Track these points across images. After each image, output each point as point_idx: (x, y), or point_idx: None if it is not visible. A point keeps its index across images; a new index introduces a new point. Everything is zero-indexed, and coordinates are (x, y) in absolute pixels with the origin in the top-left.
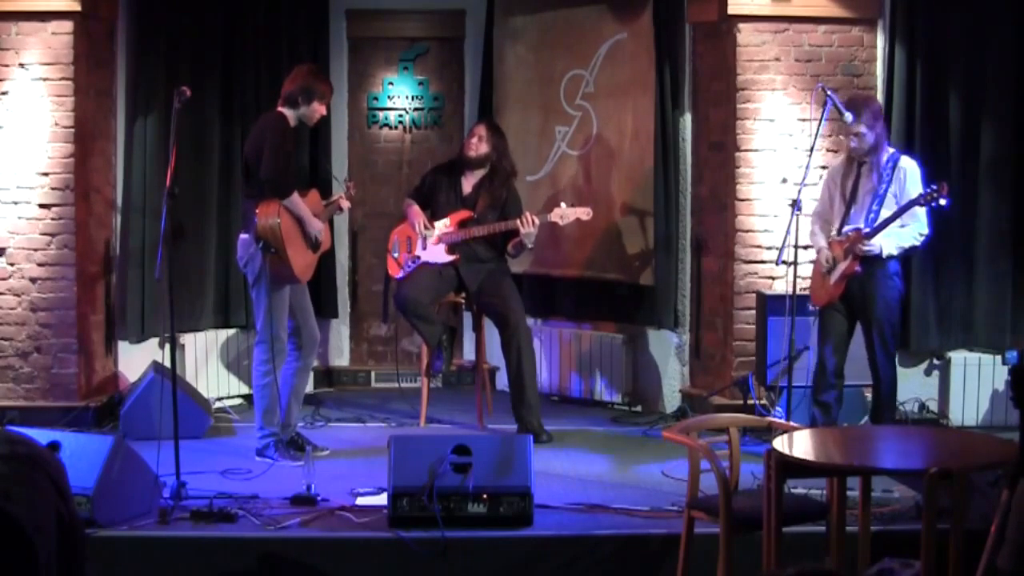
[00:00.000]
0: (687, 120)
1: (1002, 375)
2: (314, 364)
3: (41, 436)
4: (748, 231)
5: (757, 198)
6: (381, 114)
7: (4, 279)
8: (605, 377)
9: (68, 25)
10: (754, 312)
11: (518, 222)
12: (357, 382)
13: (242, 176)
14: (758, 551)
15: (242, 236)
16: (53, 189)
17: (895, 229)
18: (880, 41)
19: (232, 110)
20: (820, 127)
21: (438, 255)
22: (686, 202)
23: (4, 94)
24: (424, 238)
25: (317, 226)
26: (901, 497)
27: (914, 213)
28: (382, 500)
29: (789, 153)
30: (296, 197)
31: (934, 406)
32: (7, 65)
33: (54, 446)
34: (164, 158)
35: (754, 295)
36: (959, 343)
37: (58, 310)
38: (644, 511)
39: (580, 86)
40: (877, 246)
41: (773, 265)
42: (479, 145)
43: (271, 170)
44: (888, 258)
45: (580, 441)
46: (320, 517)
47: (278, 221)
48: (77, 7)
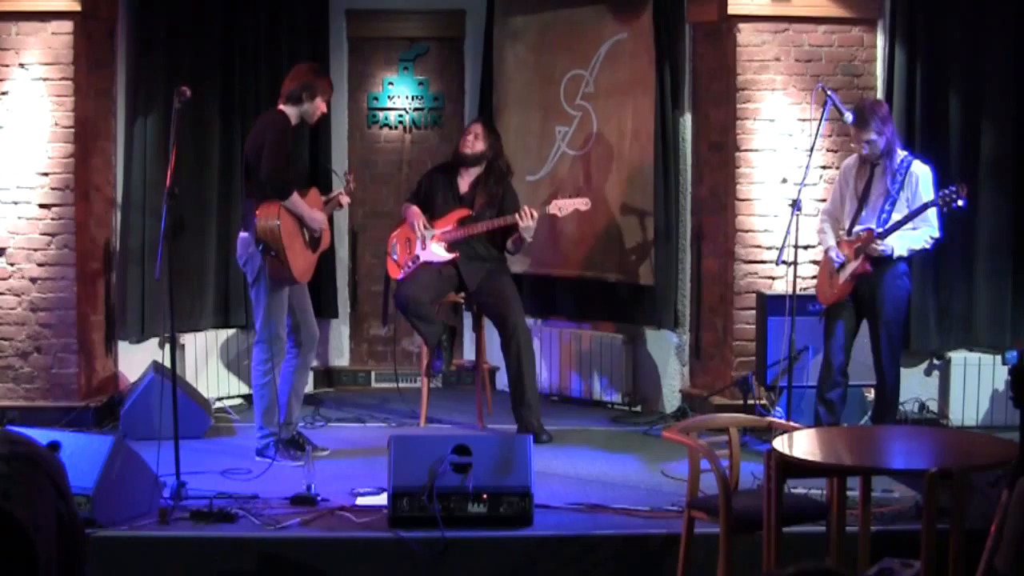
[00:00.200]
0: (687, 120)
1: (1002, 375)
2: (313, 363)
3: (41, 436)
4: (748, 231)
5: (757, 198)
6: (381, 114)
7: (4, 279)
8: (605, 377)
9: (68, 25)
10: (754, 312)
11: (517, 216)
12: (357, 382)
13: (242, 176)
14: (758, 551)
15: (241, 235)
16: (53, 189)
17: (907, 231)
18: (880, 41)
19: (232, 110)
20: (820, 127)
21: (438, 254)
22: (686, 202)
23: (4, 94)
24: (423, 238)
25: (319, 218)
26: (901, 497)
27: (926, 216)
28: (382, 500)
29: (789, 153)
30: (296, 197)
31: (934, 406)
32: (7, 65)
33: (54, 446)
34: (164, 158)
35: (754, 295)
36: (959, 343)
37: (58, 310)
38: (644, 511)
39: (580, 86)
40: (889, 247)
41: (773, 265)
42: (475, 143)
43: (271, 171)
44: (898, 259)
45: (580, 441)
46: (320, 517)
47: (278, 223)
48: (77, 7)
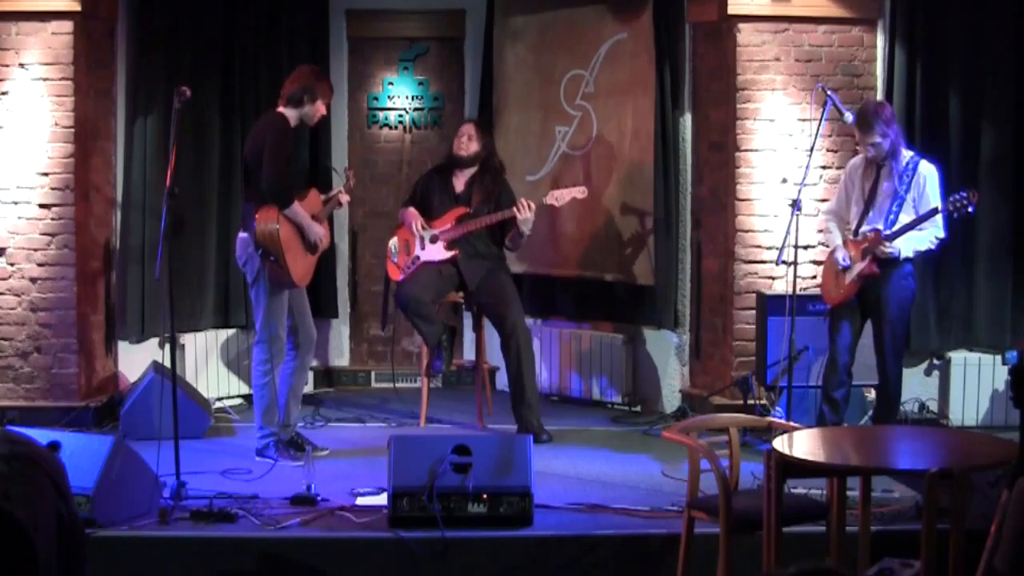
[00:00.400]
0: (687, 120)
1: (1002, 375)
2: (313, 363)
3: (41, 436)
4: (748, 231)
5: (757, 198)
6: (381, 114)
7: (4, 279)
8: (605, 377)
9: (68, 25)
10: (754, 312)
11: (515, 208)
12: (357, 382)
13: (241, 178)
14: (758, 551)
15: (241, 235)
16: (53, 189)
17: (913, 232)
18: (880, 41)
19: (232, 110)
20: (820, 127)
21: (437, 253)
22: (686, 202)
23: (4, 94)
24: (422, 238)
25: (318, 231)
26: (901, 497)
27: (932, 218)
28: (382, 500)
29: (789, 153)
30: (297, 206)
31: (934, 406)
32: (7, 65)
33: (54, 446)
34: (164, 158)
35: (754, 295)
36: (959, 343)
37: (58, 310)
38: (644, 511)
39: (580, 86)
40: (896, 249)
41: (773, 265)
42: (469, 144)
43: (271, 179)
44: (904, 260)
45: (580, 441)
46: (320, 517)
47: (277, 227)
48: (77, 7)
